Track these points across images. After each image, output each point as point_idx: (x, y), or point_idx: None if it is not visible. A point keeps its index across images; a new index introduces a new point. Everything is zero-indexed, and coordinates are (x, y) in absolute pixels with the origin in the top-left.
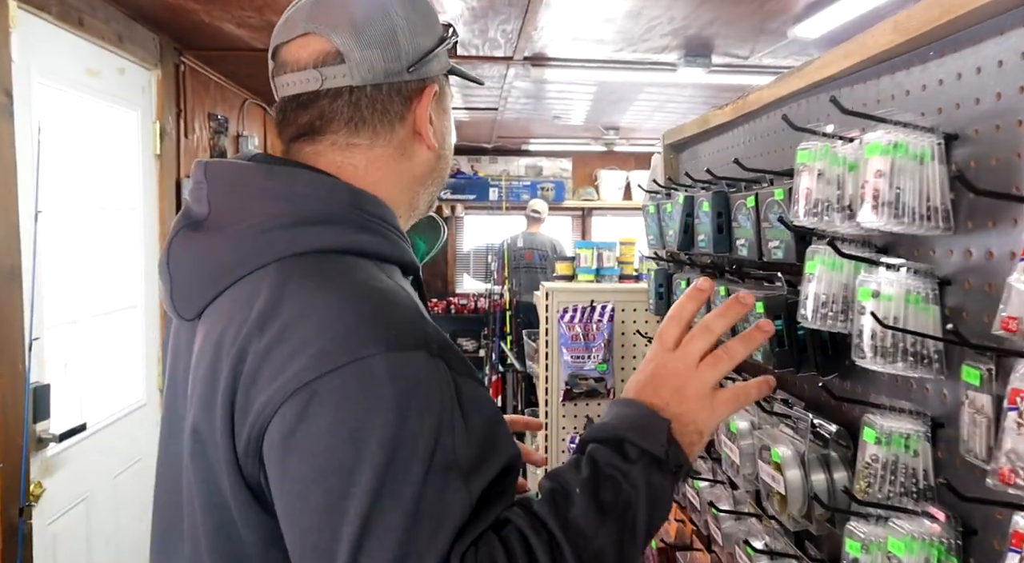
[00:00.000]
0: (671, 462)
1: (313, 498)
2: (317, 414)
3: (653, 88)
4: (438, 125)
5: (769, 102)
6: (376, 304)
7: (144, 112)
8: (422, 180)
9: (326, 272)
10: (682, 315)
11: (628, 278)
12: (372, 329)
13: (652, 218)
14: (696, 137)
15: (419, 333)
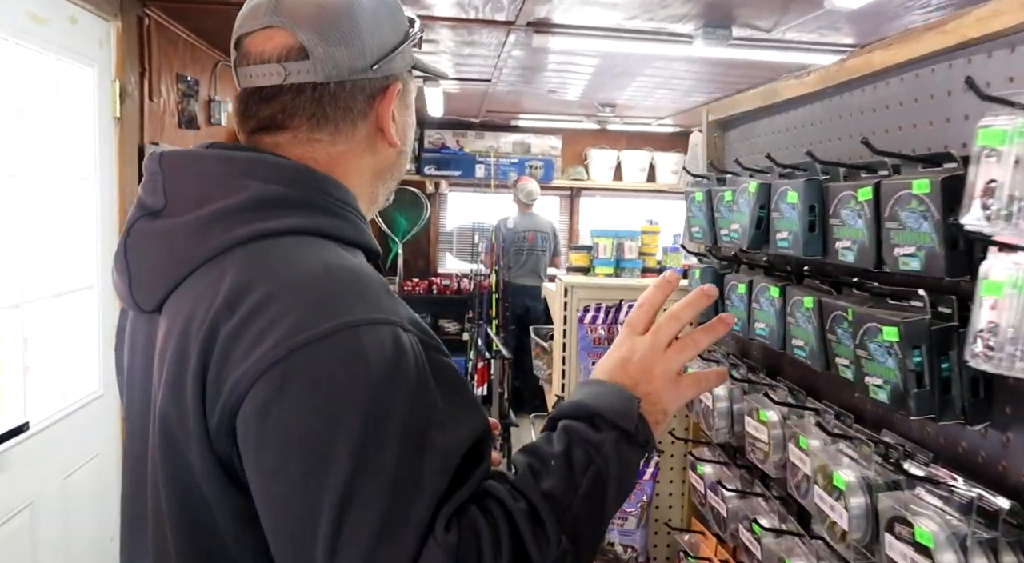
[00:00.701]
0: (640, 437)
1: (290, 472)
2: (292, 388)
3: (660, 62)
4: (400, 121)
5: (887, 67)
6: (348, 280)
7: (102, 69)
8: (382, 175)
9: (294, 252)
10: (652, 303)
11: (651, 272)
12: (346, 303)
13: (698, 207)
14: (753, 113)
15: (390, 309)
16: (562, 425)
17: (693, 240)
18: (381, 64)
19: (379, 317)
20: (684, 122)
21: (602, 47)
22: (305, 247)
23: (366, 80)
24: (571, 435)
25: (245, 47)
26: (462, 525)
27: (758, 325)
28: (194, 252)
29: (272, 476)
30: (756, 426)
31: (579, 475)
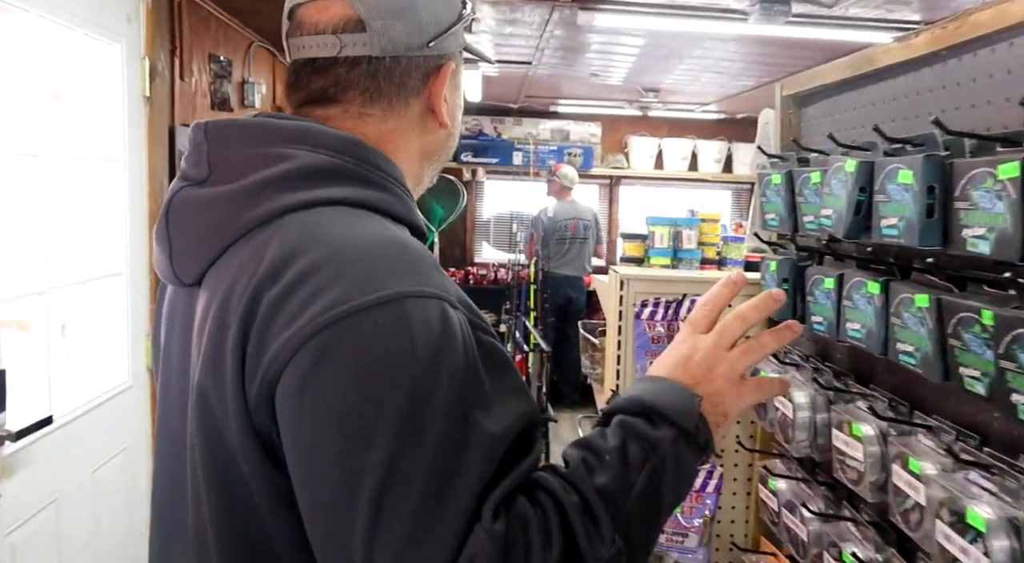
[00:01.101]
0: (700, 437)
1: (328, 449)
2: (334, 361)
3: (710, 43)
4: (451, 102)
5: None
6: (397, 251)
7: (130, 46)
8: (430, 156)
9: (341, 222)
10: (716, 301)
11: (710, 263)
12: (394, 274)
13: (775, 191)
14: (839, 86)
15: (440, 284)
16: (617, 419)
17: (767, 228)
18: (436, 42)
19: (428, 291)
20: (729, 109)
21: (650, 25)
22: (353, 218)
23: (421, 58)
24: (627, 430)
25: (299, 17)
26: (510, 514)
27: (851, 326)
28: (237, 221)
29: (309, 452)
30: (847, 441)
31: (634, 472)
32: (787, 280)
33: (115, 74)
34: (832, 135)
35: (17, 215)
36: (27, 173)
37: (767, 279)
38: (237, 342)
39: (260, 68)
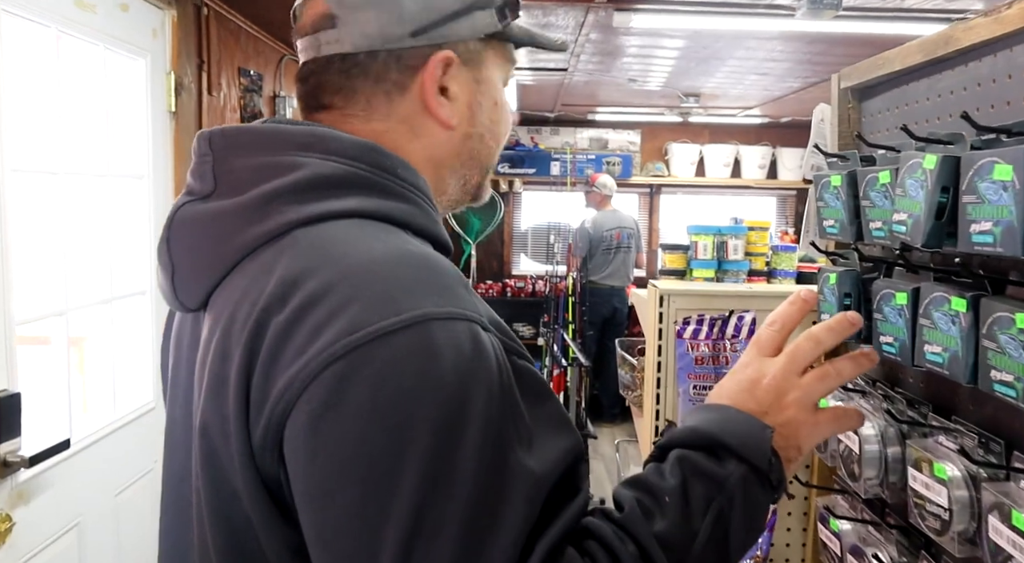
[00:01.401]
0: (773, 475)
1: (346, 496)
2: (352, 394)
3: (753, 42)
4: (467, 99)
5: None
6: (421, 268)
7: (155, 60)
8: (441, 162)
9: (357, 236)
10: (785, 322)
11: (758, 275)
12: (417, 294)
13: (834, 194)
14: (907, 74)
15: (469, 304)
16: (676, 454)
17: (825, 236)
18: (428, 30)
19: (456, 312)
20: (773, 112)
21: (690, 25)
22: (370, 231)
23: (403, 50)
24: (688, 467)
25: (298, 21)
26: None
27: (930, 349)
28: (243, 238)
29: (324, 500)
30: (927, 483)
31: (698, 517)
32: (849, 295)
33: (139, 89)
34: (906, 126)
35: (37, 233)
36: (47, 191)
37: (826, 293)
38: (241, 375)
39: (292, 82)
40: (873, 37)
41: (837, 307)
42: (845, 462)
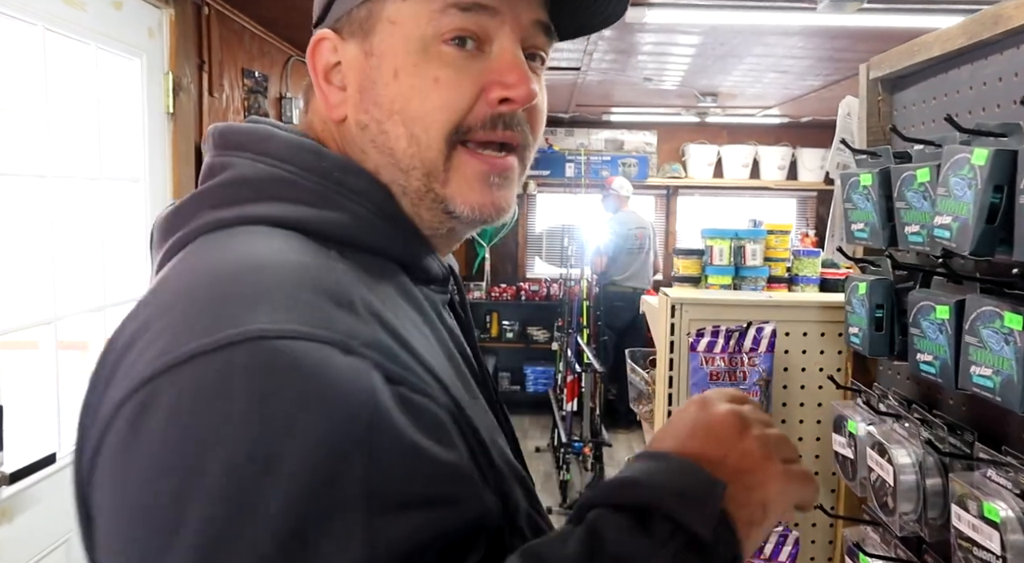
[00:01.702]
0: (721, 551)
1: (129, 555)
2: (144, 432)
3: (773, 38)
4: (356, 79)
5: None
6: (281, 275)
7: (151, 60)
8: (365, 166)
9: (242, 243)
10: (735, 395)
11: (778, 282)
12: (257, 309)
13: (864, 195)
14: (944, 62)
15: (339, 322)
16: (592, 517)
17: (853, 240)
18: (326, 13)
19: (302, 330)
20: (793, 112)
21: (707, 20)
22: (261, 241)
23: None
24: (603, 537)
25: None
26: None
27: (978, 371)
28: (167, 244)
29: (105, 555)
30: (975, 524)
31: None
32: (881, 306)
33: (135, 90)
34: (951, 117)
35: (23, 239)
36: (35, 195)
37: (854, 304)
38: (82, 409)
39: (300, 83)
40: (899, 31)
41: (868, 319)
42: (877, 493)
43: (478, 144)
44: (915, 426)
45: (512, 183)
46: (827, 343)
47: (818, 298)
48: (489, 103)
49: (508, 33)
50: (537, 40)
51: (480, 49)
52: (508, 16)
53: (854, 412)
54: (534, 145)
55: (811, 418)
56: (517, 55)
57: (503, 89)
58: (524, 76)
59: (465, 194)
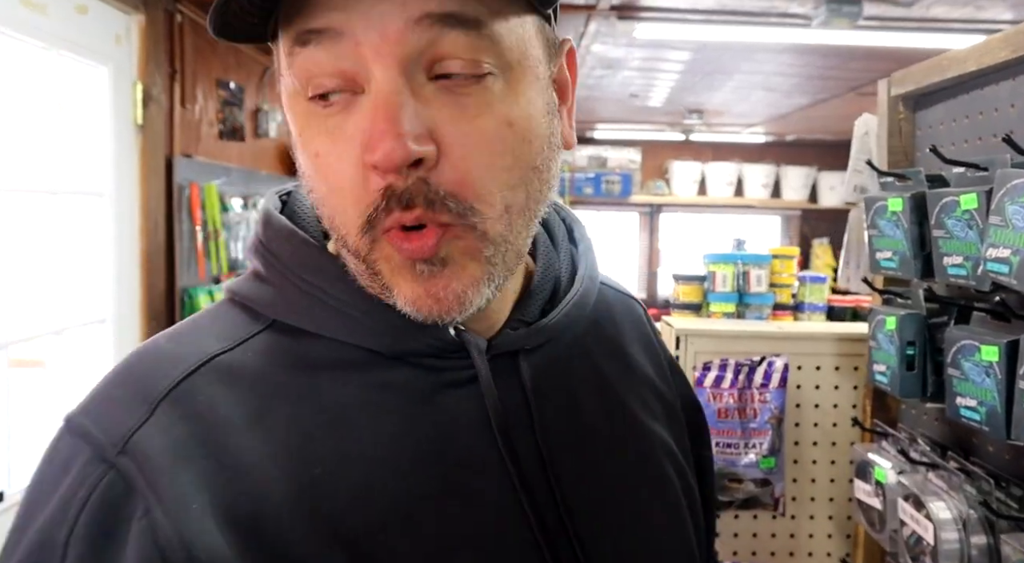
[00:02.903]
0: None
1: None
2: None
3: (763, 55)
4: (297, 159)
5: None
6: (121, 367)
7: (119, 69)
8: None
9: (189, 323)
10: None
11: (784, 309)
12: (91, 400)
13: (893, 222)
14: (983, 76)
15: (115, 418)
16: None
17: (878, 270)
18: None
19: (80, 423)
20: (778, 130)
21: (698, 35)
22: (209, 319)
23: None
24: None
25: None
26: None
27: None
28: None
29: None
30: None
31: None
32: (913, 343)
33: (101, 99)
34: (1010, 137)
35: None
36: None
37: (880, 339)
38: None
39: (276, 95)
40: (894, 50)
41: (897, 357)
42: (912, 552)
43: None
44: (958, 478)
45: (457, 267)
46: (842, 378)
47: (833, 329)
48: (374, 179)
49: (372, 59)
50: (439, 47)
51: (355, 88)
52: (364, 35)
53: (880, 457)
54: (486, 206)
55: (825, 458)
56: (379, 92)
57: (366, 153)
58: (382, 125)
59: (400, 287)
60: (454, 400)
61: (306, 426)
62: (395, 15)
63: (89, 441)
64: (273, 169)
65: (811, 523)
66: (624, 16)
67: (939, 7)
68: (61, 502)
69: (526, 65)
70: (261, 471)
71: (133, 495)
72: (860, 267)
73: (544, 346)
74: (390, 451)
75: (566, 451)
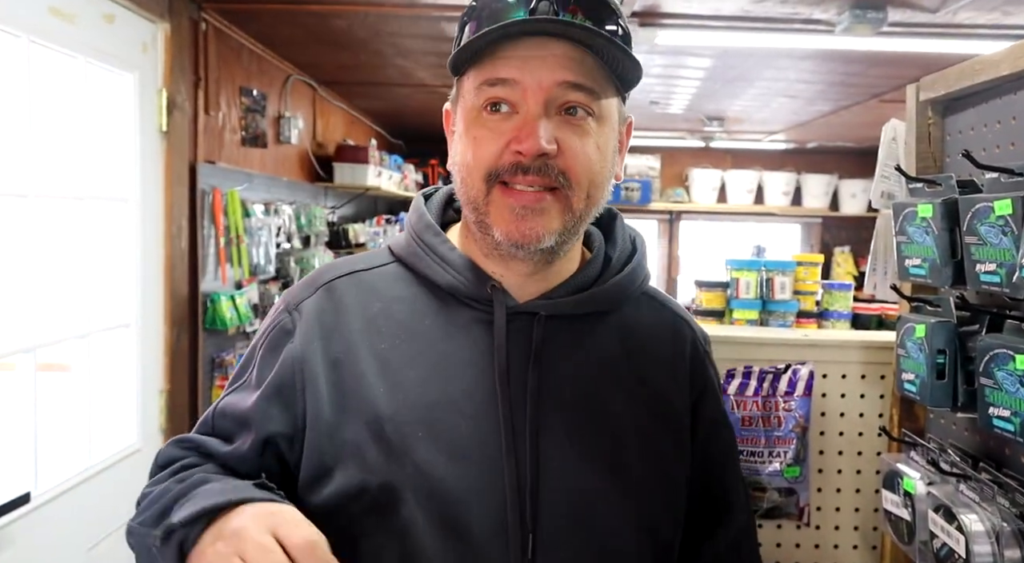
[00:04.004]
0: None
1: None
2: None
3: (786, 62)
4: (453, 145)
5: None
6: (319, 268)
7: (145, 76)
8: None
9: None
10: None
11: (807, 317)
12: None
13: (923, 228)
14: (1014, 82)
15: (297, 292)
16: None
17: (907, 277)
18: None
19: (285, 294)
20: (799, 137)
21: (720, 42)
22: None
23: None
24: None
25: None
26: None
27: None
28: None
29: None
30: None
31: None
32: (943, 352)
33: (127, 107)
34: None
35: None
36: (14, 214)
37: (909, 348)
38: None
39: (299, 102)
40: (918, 57)
41: (927, 366)
42: (943, 562)
43: (510, 184)
44: (988, 488)
45: (544, 216)
46: (868, 387)
47: (860, 337)
48: (510, 154)
49: (529, 97)
50: (570, 96)
51: (515, 110)
52: (529, 84)
53: (909, 468)
54: (578, 187)
55: (850, 468)
56: (530, 114)
57: (515, 143)
58: (532, 133)
59: (500, 223)
60: (480, 333)
61: (387, 318)
62: (547, 78)
63: (286, 301)
64: (294, 175)
65: (836, 534)
66: (646, 23)
67: (965, 12)
68: (263, 328)
69: (610, 120)
70: (354, 335)
71: (292, 332)
72: (888, 274)
73: (560, 319)
74: (428, 344)
75: (550, 395)
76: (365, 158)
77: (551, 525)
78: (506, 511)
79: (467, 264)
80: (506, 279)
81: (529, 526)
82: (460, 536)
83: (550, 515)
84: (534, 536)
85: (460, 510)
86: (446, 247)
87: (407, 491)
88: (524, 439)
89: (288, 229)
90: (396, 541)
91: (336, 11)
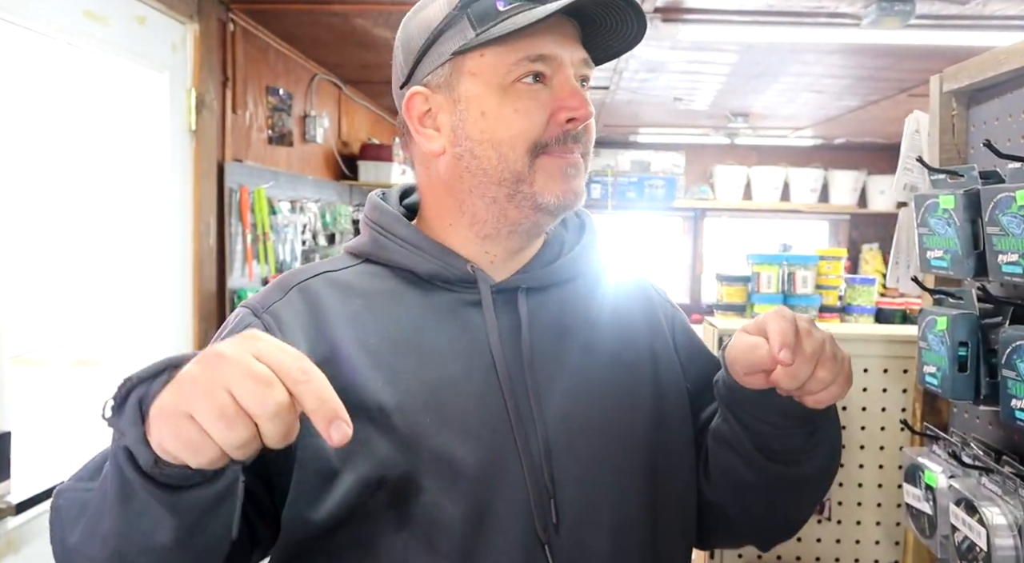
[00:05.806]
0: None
1: None
2: None
3: (812, 56)
4: (450, 121)
5: None
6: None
7: (175, 76)
8: (452, 188)
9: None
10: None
11: (830, 312)
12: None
13: (945, 219)
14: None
15: (263, 298)
16: None
17: (928, 269)
18: (409, 77)
19: (247, 301)
20: (826, 133)
21: (744, 37)
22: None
23: (400, 101)
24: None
25: None
26: None
27: None
28: None
29: None
30: None
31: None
32: (966, 344)
33: (158, 106)
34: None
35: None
36: (50, 211)
37: (931, 340)
38: None
39: (324, 101)
40: (947, 49)
41: (949, 359)
42: (964, 558)
43: (555, 153)
44: (1011, 482)
45: (581, 174)
46: (891, 381)
47: (882, 331)
48: (558, 123)
49: (565, 69)
50: (583, 71)
51: (545, 83)
52: (565, 58)
53: (931, 461)
54: (591, 152)
55: (872, 462)
56: (576, 85)
57: (568, 111)
58: (584, 100)
59: (550, 187)
60: (467, 314)
61: (370, 312)
62: (577, 54)
63: (250, 307)
64: (319, 174)
65: (858, 528)
66: (668, 18)
67: (996, 3)
68: (225, 331)
69: None
70: (338, 332)
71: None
72: (910, 267)
73: (541, 290)
74: (416, 331)
75: (546, 362)
76: (389, 156)
77: (569, 488)
78: (526, 481)
79: (442, 250)
80: (483, 261)
81: (550, 491)
82: (486, 512)
83: (566, 478)
84: (555, 501)
85: (482, 487)
86: (419, 237)
87: (427, 478)
88: (529, 408)
89: (313, 227)
90: (422, 530)
91: (359, 10)
